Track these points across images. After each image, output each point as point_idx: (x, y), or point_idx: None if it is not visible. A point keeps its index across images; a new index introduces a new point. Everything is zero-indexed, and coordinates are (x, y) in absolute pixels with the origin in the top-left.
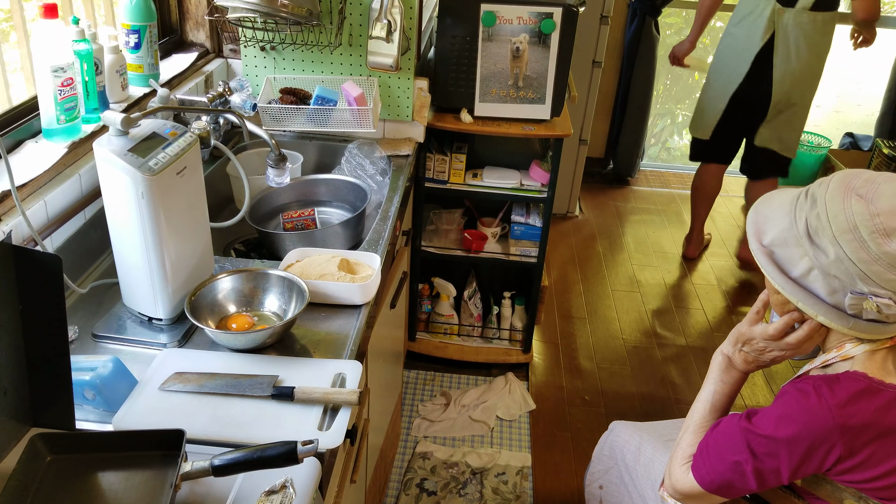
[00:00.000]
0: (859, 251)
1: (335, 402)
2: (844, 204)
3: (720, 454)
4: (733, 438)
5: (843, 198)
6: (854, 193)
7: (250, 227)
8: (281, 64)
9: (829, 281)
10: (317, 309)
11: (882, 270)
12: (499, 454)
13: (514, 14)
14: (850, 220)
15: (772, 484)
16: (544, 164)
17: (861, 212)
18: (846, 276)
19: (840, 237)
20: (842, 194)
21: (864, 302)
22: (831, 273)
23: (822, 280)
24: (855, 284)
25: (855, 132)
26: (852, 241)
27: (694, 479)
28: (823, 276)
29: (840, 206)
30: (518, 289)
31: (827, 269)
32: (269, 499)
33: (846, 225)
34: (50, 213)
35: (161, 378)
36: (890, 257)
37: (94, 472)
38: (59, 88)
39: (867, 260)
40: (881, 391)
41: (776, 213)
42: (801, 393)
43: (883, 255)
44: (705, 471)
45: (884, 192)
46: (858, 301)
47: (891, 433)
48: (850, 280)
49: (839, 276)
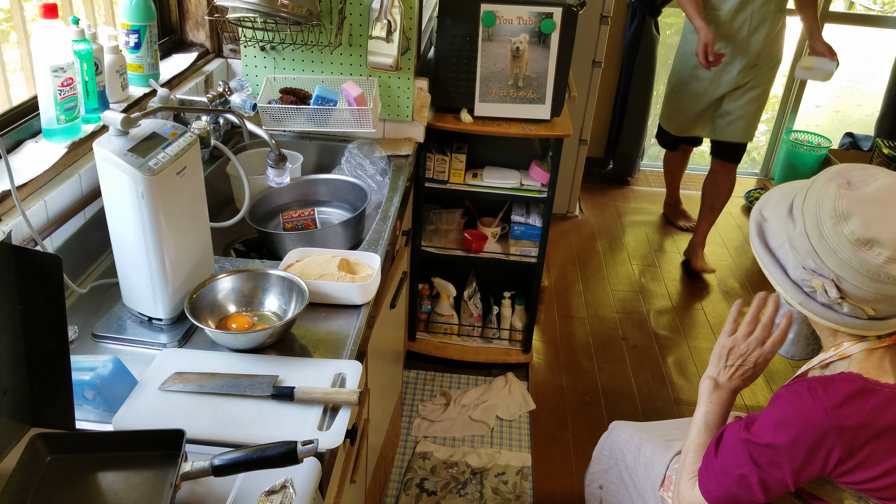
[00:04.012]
0: (815, 227)
1: (335, 402)
2: (826, 185)
3: (724, 468)
4: (735, 451)
5: (830, 180)
6: (843, 178)
7: (250, 227)
8: (281, 64)
9: (793, 254)
10: (317, 309)
11: (829, 251)
12: (499, 454)
13: (514, 14)
14: (820, 197)
15: (778, 492)
16: (544, 164)
17: (831, 193)
18: (803, 250)
19: (806, 211)
20: (830, 177)
21: (813, 280)
22: (794, 245)
23: (790, 252)
24: (807, 260)
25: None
26: (813, 217)
27: (701, 495)
28: (790, 248)
29: (820, 185)
30: (518, 289)
31: (793, 240)
32: (269, 499)
33: (815, 200)
34: (50, 213)
35: (161, 378)
36: (838, 239)
37: (94, 472)
38: (59, 88)
39: (818, 237)
40: (877, 391)
41: (783, 190)
42: (796, 395)
43: (833, 235)
44: (712, 486)
45: (872, 184)
46: (809, 278)
47: (887, 432)
48: (804, 255)
49: (798, 249)
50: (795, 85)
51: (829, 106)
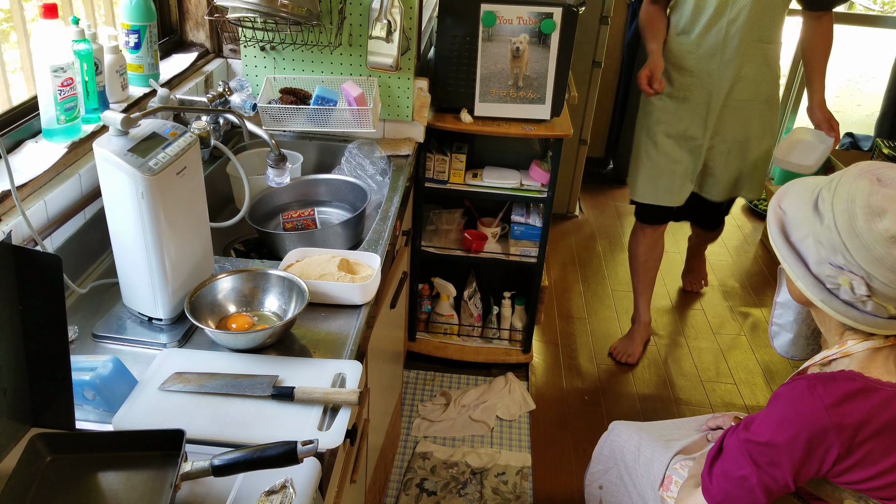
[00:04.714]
0: (846, 222)
1: (335, 402)
2: (857, 180)
3: (725, 471)
4: (735, 453)
5: (860, 175)
6: (873, 175)
7: (250, 227)
8: (281, 64)
9: (817, 248)
10: (317, 309)
11: (861, 247)
12: (499, 454)
13: (514, 14)
14: (851, 192)
15: (780, 493)
16: (544, 164)
17: (863, 188)
18: (830, 245)
19: (836, 205)
20: (861, 172)
21: (840, 277)
22: (820, 240)
23: (813, 246)
24: (835, 256)
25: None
26: (844, 212)
27: (704, 499)
28: (814, 243)
29: (851, 180)
30: (518, 289)
31: (818, 235)
32: (269, 499)
33: (846, 195)
34: (50, 213)
35: (161, 378)
36: (872, 235)
37: (94, 472)
38: (59, 88)
39: (849, 232)
40: (878, 390)
41: (802, 185)
42: (795, 393)
43: (867, 231)
44: (714, 490)
45: None
46: (834, 274)
47: (887, 430)
48: (832, 250)
49: (824, 243)
50: (795, 85)
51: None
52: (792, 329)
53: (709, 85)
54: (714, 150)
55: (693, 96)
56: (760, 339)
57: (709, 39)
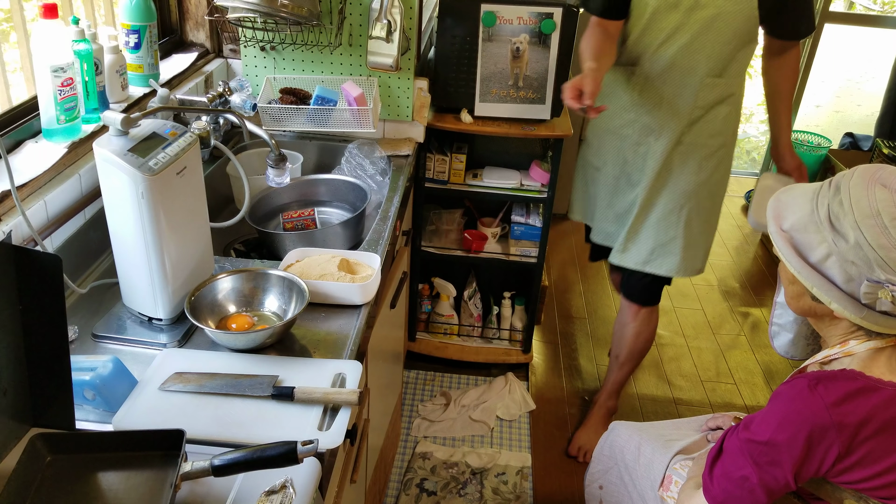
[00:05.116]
0: (880, 237)
1: (335, 402)
2: (868, 191)
3: (726, 472)
4: (735, 453)
5: (868, 185)
6: (878, 182)
7: (250, 227)
8: (281, 64)
9: (846, 267)
10: (317, 309)
11: None
12: (499, 454)
13: (515, 14)
14: (874, 206)
15: (781, 493)
16: (544, 164)
17: (885, 199)
18: (864, 262)
19: (861, 222)
20: (866, 182)
21: (880, 291)
22: (849, 259)
23: (839, 266)
24: (872, 272)
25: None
26: (874, 227)
27: (706, 500)
28: (840, 263)
29: (864, 193)
30: (518, 289)
31: (845, 254)
32: (269, 499)
33: (869, 210)
34: (50, 213)
35: (161, 378)
36: None
37: (94, 472)
38: (59, 88)
39: (887, 247)
40: (879, 389)
41: (797, 201)
42: (796, 392)
43: None
44: (715, 491)
45: None
46: (874, 290)
47: (887, 430)
48: (867, 267)
49: (857, 262)
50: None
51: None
52: (792, 329)
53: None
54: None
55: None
56: (760, 339)
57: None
